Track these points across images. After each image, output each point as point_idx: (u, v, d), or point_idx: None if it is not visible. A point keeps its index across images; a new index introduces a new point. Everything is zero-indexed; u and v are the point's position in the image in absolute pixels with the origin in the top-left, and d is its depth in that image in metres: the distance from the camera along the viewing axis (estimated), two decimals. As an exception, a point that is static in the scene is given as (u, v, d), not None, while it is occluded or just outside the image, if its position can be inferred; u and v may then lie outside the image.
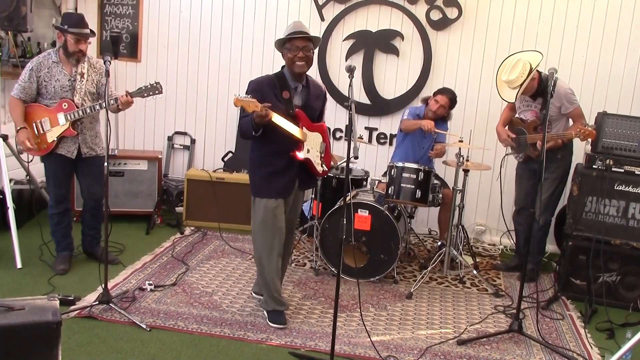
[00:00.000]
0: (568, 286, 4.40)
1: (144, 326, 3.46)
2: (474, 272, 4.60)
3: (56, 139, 4.07)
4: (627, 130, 4.34)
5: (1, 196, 4.58)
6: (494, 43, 5.39)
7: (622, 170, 4.30)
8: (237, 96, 3.35)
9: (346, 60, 5.61)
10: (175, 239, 5.11)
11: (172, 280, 4.22)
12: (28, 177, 4.91)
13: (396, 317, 3.94)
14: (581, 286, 4.36)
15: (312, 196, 5.20)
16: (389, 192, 4.44)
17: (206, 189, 5.48)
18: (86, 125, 4.19)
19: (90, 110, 4.05)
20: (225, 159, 5.85)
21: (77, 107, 4.05)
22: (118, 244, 4.74)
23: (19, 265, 4.21)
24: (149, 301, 3.84)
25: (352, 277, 4.41)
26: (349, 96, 3.02)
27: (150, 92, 4.09)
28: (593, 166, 4.34)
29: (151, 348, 3.27)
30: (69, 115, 4.03)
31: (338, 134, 5.77)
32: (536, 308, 4.07)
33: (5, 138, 4.49)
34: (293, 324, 3.69)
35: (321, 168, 3.73)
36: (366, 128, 5.72)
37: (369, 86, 5.64)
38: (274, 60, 5.71)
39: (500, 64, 4.39)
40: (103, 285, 3.62)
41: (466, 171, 4.68)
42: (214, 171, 5.67)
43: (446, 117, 4.93)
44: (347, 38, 5.61)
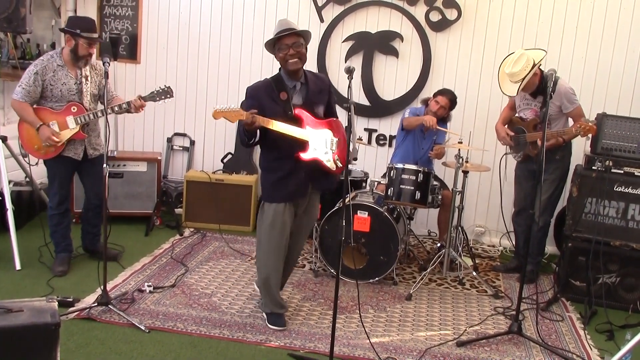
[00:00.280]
0: (567, 287, 4.40)
1: (143, 328, 3.46)
2: (474, 274, 4.60)
3: (65, 142, 4.08)
4: (627, 131, 4.33)
5: (0, 198, 4.58)
6: (494, 44, 5.39)
7: (622, 171, 4.29)
8: (216, 108, 3.30)
9: (345, 61, 5.61)
10: (174, 241, 5.11)
11: (172, 281, 4.22)
12: (27, 179, 4.92)
13: (395, 319, 3.93)
14: (581, 287, 4.35)
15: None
16: (389, 194, 4.44)
17: (205, 191, 5.48)
18: (91, 127, 4.23)
19: (101, 114, 4.07)
20: (224, 161, 5.85)
21: (87, 110, 4.08)
22: (117, 246, 4.73)
23: (18, 266, 4.21)
24: (148, 303, 3.84)
25: (352, 279, 4.41)
26: (348, 97, 3.03)
27: (162, 96, 4.15)
28: (592, 167, 4.34)
29: (150, 350, 3.26)
30: (79, 118, 4.06)
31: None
32: (536, 309, 4.07)
33: (4, 140, 4.49)
34: (292, 326, 3.68)
35: (334, 165, 3.53)
36: (365, 129, 5.72)
37: (369, 87, 5.64)
38: (274, 61, 5.63)
39: (503, 59, 4.37)
40: (102, 286, 3.63)
41: (465, 172, 4.67)
42: (214, 172, 5.67)
43: (446, 118, 4.93)
44: (347, 39, 5.61)
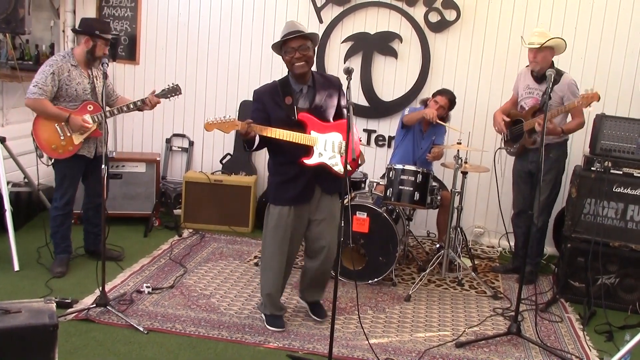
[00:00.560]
0: (567, 288, 4.39)
1: (142, 329, 3.45)
2: (473, 275, 4.59)
3: (83, 141, 4.15)
4: (626, 132, 4.33)
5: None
6: (492, 45, 5.39)
7: (621, 172, 4.29)
8: (208, 120, 3.27)
9: (344, 62, 5.61)
10: (173, 242, 5.11)
11: (170, 282, 4.21)
12: (26, 180, 4.91)
13: (394, 320, 3.93)
14: (580, 288, 4.35)
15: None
16: (388, 195, 4.43)
17: (204, 191, 5.48)
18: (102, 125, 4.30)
19: (117, 111, 4.19)
20: (223, 161, 5.85)
21: (100, 108, 4.15)
22: (116, 247, 4.72)
23: (17, 268, 4.20)
24: (147, 304, 3.84)
25: (351, 280, 4.40)
26: (347, 98, 3.03)
27: (173, 94, 4.30)
28: (591, 168, 4.33)
29: (149, 351, 3.26)
30: (97, 116, 4.13)
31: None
32: (535, 310, 4.06)
33: (3, 140, 4.49)
34: (291, 327, 3.68)
35: (342, 169, 3.40)
36: (365, 130, 5.71)
37: (368, 88, 5.63)
38: (272, 62, 5.71)
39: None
40: (100, 287, 3.62)
41: (464, 173, 4.67)
42: (212, 173, 5.66)
43: (445, 119, 4.93)
44: (346, 40, 5.61)
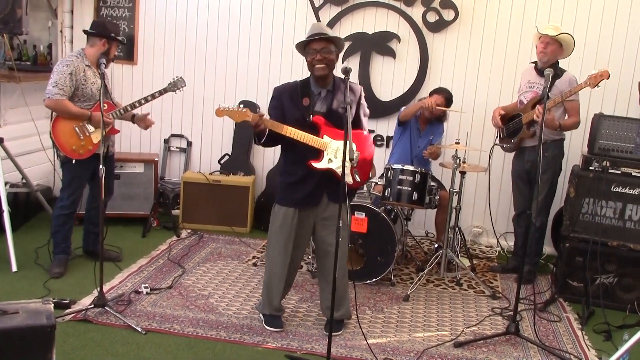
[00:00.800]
0: (565, 288, 4.40)
1: (140, 329, 3.44)
2: (471, 274, 4.59)
3: (104, 138, 4.17)
4: (624, 131, 4.33)
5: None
6: (491, 45, 5.39)
7: (619, 171, 4.30)
8: (220, 106, 3.30)
9: (342, 62, 5.60)
10: (171, 242, 5.10)
11: (168, 283, 4.20)
12: (24, 181, 4.91)
13: (393, 320, 3.93)
14: (578, 288, 4.35)
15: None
16: (386, 195, 4.43)
17: (203, 192, 5.47)
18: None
19: (130, 107, 4.23)
20: (221, 162, 5.85)
21: (116, 106, 4.23)
22: (114, 247, 4.72)
23: (14, 268, 4.19)
24: (145, 304, 3.83)
25: (349, 280, 4.39)
26: (345, 98, 3.02)
27: (179, 85, 4.36)
28: (590, 168, 4.34)
29: (147, 351, 3.25)
30: (112, 114, 4.17)
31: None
32: (533, 310, 4.06)
33: (1, 141, 4.48)
34: (289, 327, 3.67)
35: (351, 179, 3.33)
36: (363, 130, 5.71)
37: (366, 88, 5.53)
38: (270, 62, 5.71)
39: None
40: (98, 288, 3.61)
41: (463, 173, 4.67)
42: (211, 174, 5.66)
43: (442, 117, 4.92)
44: (344, 40, 5.59)
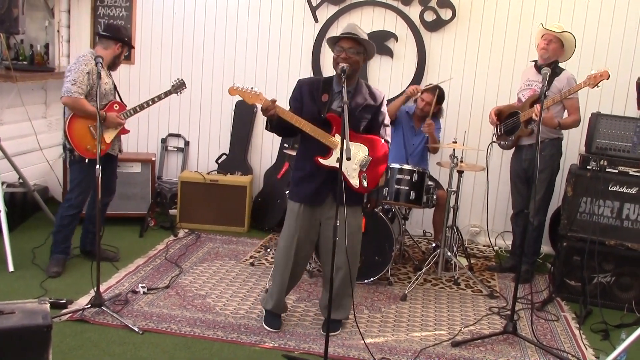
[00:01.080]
0: (563, 287, 4.40)
1: (137, 329, 3.43)
2: (469, 274, 4.59)
3: (114, 138, 4.26)
4: (621, 130, 4.33)
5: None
6: (488, 44, 5.39)
7: (616, 170, 4.30)
8: (234, 85, 3.34)
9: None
10: (168, 242, 5.09)
11: (166, 282, 4.20)
12: (20, 180, 4.90)
13: (390, 319, 3.92)
14: (576, 287, 4.35)
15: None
16: (383, 194, 4.42)
17: (200, 191, 5.46)
18: None
19: (139, 108, 4.31)
20: (219, 161, 5.84)
21: (125, 107, 4.29)
22: (111, 247, 4.71)
23: (11, 268, 4.18)
24: (142, 304, 3.82)
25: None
26: (342, 97, 3.02)
27: (181, 88, 4.55)
28: (587, 167, 4.33)
29: (144, 351, 3.24)
30: (123, 114, 4.23)
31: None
32: (531, 309, 4.06)
33: (-3, 141, 4.48)
34: (287, 327, 3.67)
35: (357, 182, 3.40)
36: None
37: (363, 88, 5.61)
38: (268, 61, 5.70)
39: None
40: (95, 288, 3.60)
41: (460, 172, 4.67)
42: (208, 173, 5.65)
43: (437, 114, 4.90)
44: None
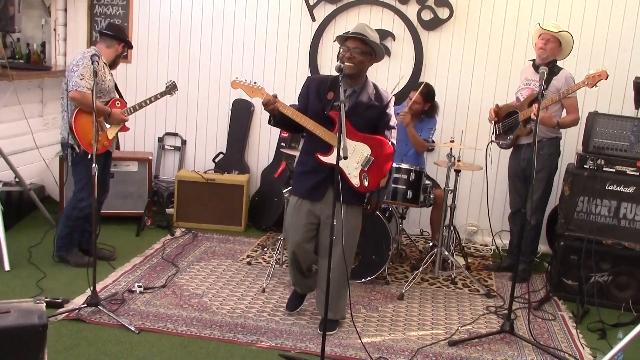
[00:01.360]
0: (560, 286, 4.40)
1: (133, 329, 3.43)
2: (466, 273, 4.59)
3: (115, 135, 4.30)
4: (619, 130, 4.34)
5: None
6: (486, 43, 5.38)
7: (614, 170, 4.30)
8: (237, 79, 3.38)
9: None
10: (165, 241, 5.08)
11: (162, 282, 4.19)
12: (17, 179, 4.88)
13: (387, 318, 3.92)
14: (573, 286, 4.35)
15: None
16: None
17: (197, 190, 5.45)
18: None
19: (138, 106, 4.34)
20: (216, 160, 5.83)
21: (126, 104, 4.32)
22: (108, 246, 4.69)
23: (7, 267, 4.16)
24: (138, 303, 3.81)
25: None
26: (339, 96, 3.01)
27: (173, 90, 4.53)
28: (584, 166, 4.34)
29: (140, 351, 3.24)
30: (126, 111, 4.27)
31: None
32: (528, 308, 4.06)
33: (-7, 140, 4.47)
34: (283, 326, 3.66)
35: (358, 182, 3.42)
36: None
37: (361, 87, 5.61)
38: (265, 61, 5.69)
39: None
40: (92, 287, 3.59)
41: (457, 171, 4.67)
42: (205, 172, 5.64)
43: (430, 112, 4.88)
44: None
